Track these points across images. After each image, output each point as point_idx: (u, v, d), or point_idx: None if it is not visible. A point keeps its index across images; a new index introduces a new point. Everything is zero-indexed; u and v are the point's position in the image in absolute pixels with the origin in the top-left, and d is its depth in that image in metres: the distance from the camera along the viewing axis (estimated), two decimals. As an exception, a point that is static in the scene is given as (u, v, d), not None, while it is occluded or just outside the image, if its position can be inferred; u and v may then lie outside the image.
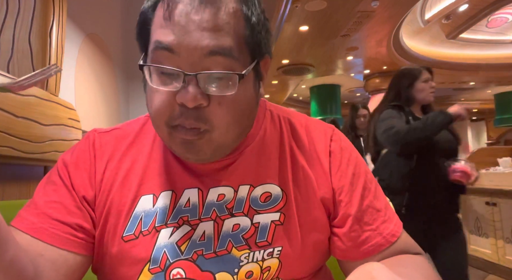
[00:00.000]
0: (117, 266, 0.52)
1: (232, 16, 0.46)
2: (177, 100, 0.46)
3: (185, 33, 0.44)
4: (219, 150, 0.50)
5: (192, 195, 0.53)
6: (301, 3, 5.08)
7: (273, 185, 0.55)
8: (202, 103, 0.45)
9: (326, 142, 0.59)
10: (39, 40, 1.26)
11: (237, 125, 0.49)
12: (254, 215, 0.53)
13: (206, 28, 0.44)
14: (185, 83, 0.45)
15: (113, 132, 0.60)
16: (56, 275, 0.48)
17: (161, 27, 0.46)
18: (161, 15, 0.46)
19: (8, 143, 0.97)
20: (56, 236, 0.50)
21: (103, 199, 0.54)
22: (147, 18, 0.49)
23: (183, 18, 0.44)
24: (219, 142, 0.49)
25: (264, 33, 0.50)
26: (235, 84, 0.46)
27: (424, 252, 0.59)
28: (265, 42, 0.51)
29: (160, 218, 0.52)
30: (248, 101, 0.50)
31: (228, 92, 0.46)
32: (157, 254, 0.50)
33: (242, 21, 0.47)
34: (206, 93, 0.46)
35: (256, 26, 0.49)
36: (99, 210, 0.54)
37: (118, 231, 0.52)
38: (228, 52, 0.45)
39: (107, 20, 2.54)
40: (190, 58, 0.45)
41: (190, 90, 0.45)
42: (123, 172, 0.55)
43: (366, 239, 0.54)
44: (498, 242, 3.03)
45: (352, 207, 0.55)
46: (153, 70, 0.47)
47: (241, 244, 0.51)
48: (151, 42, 0.47)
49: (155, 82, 0.47)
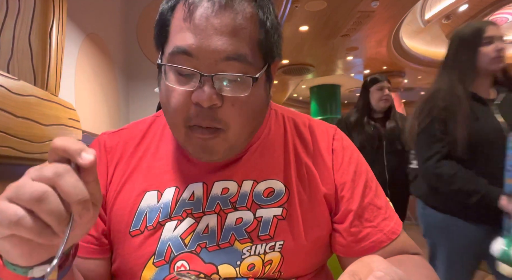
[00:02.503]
0: (123, 261, 0.53)
1: (249, 21, 0.48)
2: (193, 100, 0.47)
3: (203, 37, 0.46)
4: (231, 150, 0.52)
5: (197, 189, 0.55)
6: (301, 3, 5.08)
7: (276, 181, 0.56)
8: (216, 103, 0.47)
9: (328, 140, 0.60)
10: (39, 40, 1.26)
11: (249, 126, 0.51)
12: (257, 209, 0.54)
13: (225, 32, 0.46)
14: (201, 83, 0.47)
15: (121, 133, 0.62)
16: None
17: (180, 31, 0.47)
18: (181, 17, 0.47)
19: (8, 143, 0.97)
20: (83, 248, 0.52)
21: (111, 199, 0.56)
22: (165, 19, 0.50)
23: (202, 21, 0.46)
24: (232, 142, 0.51)
25: (277, 37, 0.52)
26: (248, 87, 0.48)
27: (422, 252, 0.59)
28: (276, 46, 0.53)
29: (164, 212, 0.54)
30: (260, 102, 0.52)
31: (242, 94, 0.48)
32: (162, 247, 0.52)
33: (258, 26, 0.49)
34: (221, 94, 0.47)
35: (270, 31, 0.50)
36: (108, 209, 0.56)
37: (125, 226, 0.54)
38: (244, 57, 0.47)
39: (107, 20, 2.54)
40: (207, 61, 0.46)
41: (206, 90, 0.46)
42: (129, 171, 0.57)
43: (367, 235, 0.55)
44: (498, 242, 3.03)
45: (353, 203, 0.56)
46: (170, 70, 0.49)
47: (244, 237, 0.53)
48: (170, 45, 0.49)
49: (171, 81, 0.49)
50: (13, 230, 0.32)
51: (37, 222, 0.32)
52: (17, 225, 0.31)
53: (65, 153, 0.34)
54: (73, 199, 0.33)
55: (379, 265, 0.38)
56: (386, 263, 0.39)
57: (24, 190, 0.32)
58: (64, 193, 0.33)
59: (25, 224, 0.31)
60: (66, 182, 0.33)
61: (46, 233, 0.32)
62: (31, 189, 0.32)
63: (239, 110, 0.48)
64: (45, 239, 0.32)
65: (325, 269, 0.62)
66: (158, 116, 0.64)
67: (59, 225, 0.33)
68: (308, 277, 0.56)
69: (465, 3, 5.99)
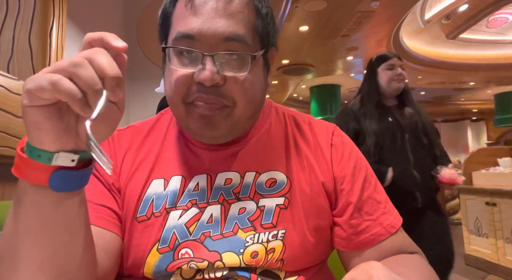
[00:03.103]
0: (129, 246, 0.54)
1: (245, 6, 0.52)
2: (195, 79, 0.50)
3: (204, 21, 0.50)
4: (235, 128, 0.54)
5: (201, 180, 0.57)
6: (301, 3, 5.08)
7: (278, 172, 0.58)
8: (218, 83, 0.50)
9: (328, 136, 0.62)
10: (39, 40, 1.26)
11: (252, 104, 0.54)
12: (260, 199, 0.56)
13: (223, 15, 0.50)
14: (203, 64, 0.50)
15: (129, 129, 0.64)
16: (109, 261, 0.51)
17: (183, 18, 0.51)
18: (182, 6, 0.52)
19: (8, 143, 0.97)
20: (103, 219, 0.53)
21: (122, 187, 0.58)
22: (168, 12, 0.55)
23: (202, 5, 0.50)
24: (236, 119, 0.53)
25: (272, 25, 0.56)
26: (247, 65, 0.51)
27: (421, 251, 0.60)
28: (272, 33, 0.56)
29: (171, 200, 0.55)
30: (259, 84, 0.55)
31: (242, 72, 0.51)
32: (167, 234, 0.53)
33: (254, 11, 0.53)
34: (223, 74, 0.50)
35: (265, 18, 0.55)
36: (120, 196, 0.57)
37: (132, 213, 0.55)
38: (242, 38, 0.51)
39: (107, 20, 2.54)
40: (208, 43, 0.50)
41: (208, 69, 0.49)
42: (138, 161, 0.59)
43: (366, 228, 0.57)
44: (498, 242, 3.03)
45: (353, 196, 0.58)
46: (174, 54, 0.52)
47: (247, 226, 0.54)
48: (173, 32, 0.52)
49: (175, 65, 0.52)
50: (52, 92, 0.33)
51: (73, 85, 0.33)
52: (55, 85, 0.33)
53: (101, 41, 0.37)
54: (107, 73, 0.34)
55: (378, 272, 0.38)
56: (385, 270, 0.39)
57: (63, 61, 0.34)
58: (99, 68, 0.34)
59: (63, 84, 0.33)
60: (101, 58, 0.35)
61: (81, 99, 0.34)
62: (69, 59, 0.34)
63: (241, 87, 0.51)
64: (79, 105, 0.34)
65: (326, 268, 0.62)
66: (164, 113, 0.66)
67: (93, 94, 0.34)
68: (309, 274, 0.56)
69: (465, 3, 5.99)
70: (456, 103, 14.47)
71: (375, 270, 0.38)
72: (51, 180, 0.37)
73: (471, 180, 3.45)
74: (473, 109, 15.28)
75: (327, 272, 0.62)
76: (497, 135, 14.61)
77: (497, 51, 8.52)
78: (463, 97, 13.39)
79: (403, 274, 0.44)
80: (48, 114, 0.35)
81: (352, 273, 0.40)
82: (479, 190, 3.22)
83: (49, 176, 0.37)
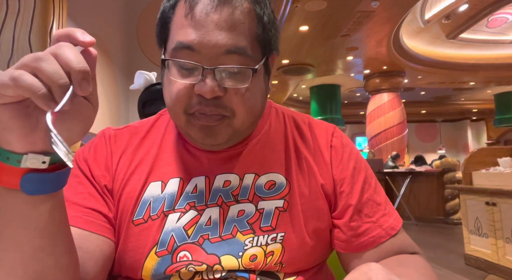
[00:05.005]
0: (126, 250, 0.54)
1: (247, 16, 0.50)
2: (196, 91, 0.49)
3: (204, 33, 0.48)
4: (235, 136, 0.54)
5: (199, 182, 0.56)
6: (301, 3, 5.08)
7: (277, 174, 0.57)
8: (219, 95, 0.49)
9: (327, 137, 0.62)
10: (39, 40, 1.26)
11: (252, 114, 0.53)
12: (259, 201, 0.55)
13: (224, 27, 0.48)
14: (203, 76, 0.49)
15: (127, 129, 0.63)
16: (94, 265, 0.50)
17: (182, 27, 0.49)
18: (182, 14, 0.50)
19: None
20: (91, 223, 0.52)
21: (117, 188, 0.57)
22: (167, 17, 0.53)
23: (203, 17, 0.48)
24: (237, 128, 0.52)
25: (274, 31, 0.55)
26: (248, 78, 0.50)
27: (421, 251, 0.60)
28: (274, 40, 0.55)
29: (168, 203, 0.55)
30: (260, 93, 0.54)
31: (243, 85, 0.50)
32: (165, 237, 0.53)
33: (255, 20, 0.51)
34: (223, 86, 0.49)
35: (267, 25, 0.53)
36: (115, 198, 0.57)
37: (129, 215, 0.55)
38: (243, 50, 0.49)
39: (107, 20, 2.54)
40: (208, 55, 0.49)
41: (208, 83, 0.48)
42: (135, 163, 0.58)
43: (366, 231, 0.56)
44: (498, 242, 3.03)
45: (352, 198, 0.57)
46: (173, 65, 0.51)
47: (246, 228, 0.54)
48: (172, 41, 0.51)
49: (175, 75, 0.51)
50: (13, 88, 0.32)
51: (35, 80, 0.32)
52: (16, 81, 0.31)
53: (68, 37, 0.36)
54: (73, 66, 0.33)
55: (377, 274, 0.38)
56: (384, 272, 0.39)
57: (27, 57, 0.33)
58: (65, 61, 0.33)
59: (24, 79, 0.31)
60: (66, 51, 0.34)
61: (44, 94, 0.32)
62: (33, 54, 0.33)
63: (242, 99, 0.51)
64: (42, 100, 0.32)
65: (326, 268, 0.62)
66: (163, 114, 0.66)
67: (58, 88, 0.33)
68: (309, 274, 0.56)
69: (465, 3, 6.00)
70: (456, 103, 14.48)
71: (374, 271, 0.38)
72: (22, 183, 0.35)
73: (471, 180, 3.45)
74: (473, 109, 15.29)
75: (327, 272, 0.62)
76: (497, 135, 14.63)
77: (497, 51, 8.52)
78: (463, 97, 13.40)
79: (403, 275, 0.44)
80: (14, 112, 0.34)
81: (351, 275, 0.40)
82: (479, 190, 3.21)
83: (20, 179, 0.35)
